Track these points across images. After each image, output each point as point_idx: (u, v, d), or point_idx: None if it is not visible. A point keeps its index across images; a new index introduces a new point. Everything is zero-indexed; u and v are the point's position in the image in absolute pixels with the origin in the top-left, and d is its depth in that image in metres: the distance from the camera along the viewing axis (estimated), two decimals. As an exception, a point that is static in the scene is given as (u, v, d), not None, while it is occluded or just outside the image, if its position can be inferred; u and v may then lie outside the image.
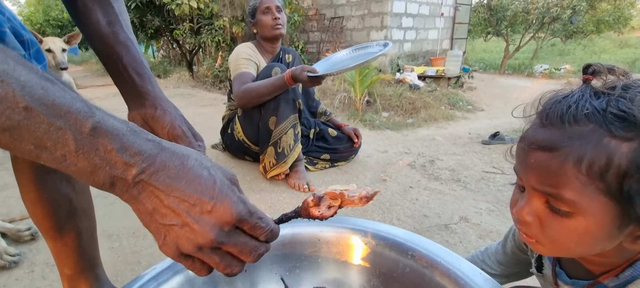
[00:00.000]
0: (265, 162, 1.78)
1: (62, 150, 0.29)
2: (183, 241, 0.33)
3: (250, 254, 0.36)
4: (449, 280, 0.47)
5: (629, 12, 9.40)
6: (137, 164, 0.31)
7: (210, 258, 0.34)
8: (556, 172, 0.39)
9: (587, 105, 0.39)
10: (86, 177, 0.31)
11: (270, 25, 1.80)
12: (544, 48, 9.65)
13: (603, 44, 10.99)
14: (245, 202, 0.35)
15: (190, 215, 0.32)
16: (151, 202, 0.32)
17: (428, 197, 1.69)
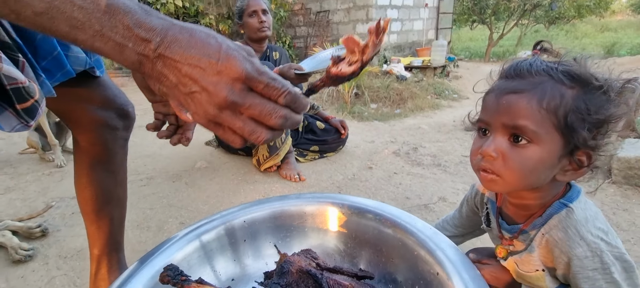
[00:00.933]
0: (258, 156, 1.89)
1: (91, 30, 0.32)
2: (205, 106, 0.34)
3: (271, 116, 0.36)
4: (405, 234, 0.59)
5: (608, -4, 9.66)
6: (152, 39, 0.33)
7: (233, 122, 0.35)
8: (524, 108, 0.52)
9: (543, 65, 0.55)
10: (118, 57, 0.34)
11: (256, 28, 1.89)
12: (527, 34, 9.87)
13: (585, 28, 11.27)
14: (253, 63, 0.36)
15: (205, 79, 0.33)
16: (173, 74, 0.34)
17: (410, 181, 1.83)
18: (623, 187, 1.55)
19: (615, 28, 11.51)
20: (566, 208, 0.57)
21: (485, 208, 0.74)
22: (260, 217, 0.73)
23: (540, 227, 0.60)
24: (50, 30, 0.32)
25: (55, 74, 0.58)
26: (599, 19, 11.26)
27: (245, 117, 0.36)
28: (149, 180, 1.88)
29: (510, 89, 0.55)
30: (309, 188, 1.76)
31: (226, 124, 0.36)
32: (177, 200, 1.64)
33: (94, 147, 0.74)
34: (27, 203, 1.66)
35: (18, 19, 0.31)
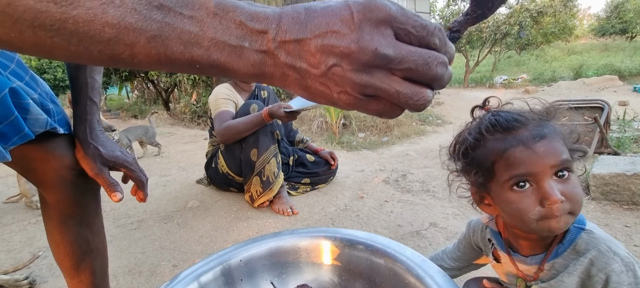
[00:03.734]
0: (251, 191, 1.91)
1: (206, 41, 0.29)
2: (350, 76, 0.28)
3: (431, 65, 0.28)
4: (395, 263, 0.62)
5: (571, 22, 10.39)
6: (269, 29, 0.29)
7: (388, 86, 0.29)
8: (558, 146, 0.57)
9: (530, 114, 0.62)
10: (236, 64, 0.30)
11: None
12: (501, 60, 10.41)
13: (553, 52, 11.97)
14: (394, 3, 0.29)
15: (342, 41, 0.28)
16: (301, 58, 0.29)
17: (401, 209, 1.86)
18: (602, 202, 1.63)
19: (581, 51, 12.28)
20: (584, 231, 0.61)
21: (491, 245, 0.75)
22: (256, 255, 0.75)
23: (563, 253, 0.62)
24: (164, 56, 0.29)
25: (11, 138, 0.57)
26: (565, 44, 12.01)
27: (398, 76, 0.29)
28: (139, 223, 1.86)
29: (533, 136, 0.57)
30: (302, 222, 1.77)
31: (379, 90, 0.29)
32: (170, 242, 1.62)
33: (62, 204, 0.72)
34: (12, 255, 1.61)
35: (133, 52, 0.28)
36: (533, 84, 7.80)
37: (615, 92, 6.27)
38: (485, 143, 0.62)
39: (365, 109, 0.31)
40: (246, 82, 2.06)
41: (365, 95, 0.29)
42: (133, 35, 0.28)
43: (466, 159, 0.67)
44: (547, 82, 7.92)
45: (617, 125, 4.16)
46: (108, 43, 0.28)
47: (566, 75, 8.22)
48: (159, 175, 2.74)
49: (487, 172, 0.62)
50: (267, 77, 0.31)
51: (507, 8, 8.02)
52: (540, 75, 8.36)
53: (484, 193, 0.66)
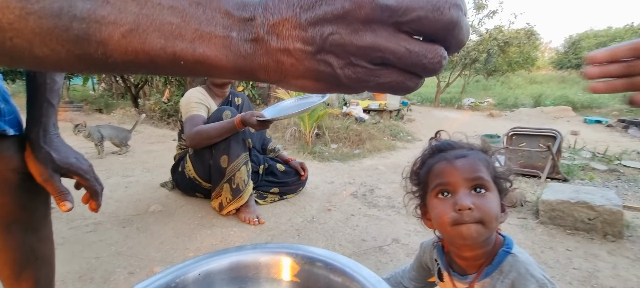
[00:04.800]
0: (221, 199, 1.87)
1: (190, 33, 0.26)
2: (350, 38, 0.25)
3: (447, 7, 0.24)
4: (352, 282, 0.65)
5: (534, 54, 11.19)
6: (257, 14, 0.27)
7: (397, 42, 0.25)
8: (476, 165, 0.67)
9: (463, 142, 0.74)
10: (225, 57, 0.27)
11: (220, 72, 1.95)
12: (470, 83, 10.98)
13: (517, 80, 12.81)
14: None
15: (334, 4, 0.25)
16: (292, 39, 0.26)
17: (367, 223, 1.90)
18: (549, 226, 1.76)
19: (541, 81, 13.24)
20: (510, 254, 0.68)
21: (436, 264, 0.82)
22: (216, 269, 0.74)
23: (492, 273, 0.68)
24: (143, 53, 0.26)
25: None
26: (527, 73, 12.89)
27: (406, 35, 0.25)
28: (95, 226, 1.77)
29: (456, 155, 0.69)
30: (268, 232, 1.77)
31: (387, 50, 0.25)
32: (127, 248, 1.56)
33: (6, 207, 0.68)
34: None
35: (106, 51, 0.25)
36: (497, 108, 8.28)
37: (568, 122, 6.79)
38: (426, 162, 0.74)
39: (376, 83, 0.26)
40: (231, 82, 2.04)
41: (373, 63, 0.26)
42: (106, 30, 0.25)
43: (415, 178, 0.78)
44: (510, 107, 8.43)
45: (569, 153, 4.51)
46: (77, 41, 0.25)
47: (527, 102, 8.81)
48: (121, 175, 2.62)
49: (424, 185, 0.73)
50: (261, 70, 0.27)
51: (477, 36, 8.52)
52: (504, 100, 8.90)
53: (425, 207, 0.76)
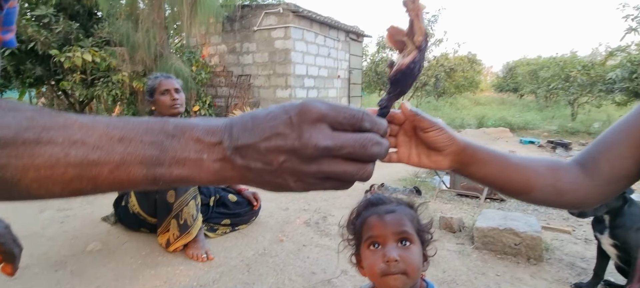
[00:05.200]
0: (168, 236, 1.80)
1: (168, 159, 0.32)
2: (300, 168, 0.32)
3: (367, 146, 0.33)
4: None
5: (477, 78, 12.23)
6: (223, 139, 0.33)
7: (335, 168, 0.33)
8: (402, 220, 0.71)
9: (392, 197, 0.80)
10: (198, 175, 0.33)
11: (169, 105, 1.92)
12: (422, 104, 11.68)
13: (463, 101, 13.85)
14: (322, 101, 0.34)
15: (287, 141, 0.32)
16: (254, 159, 0.32)
17: (318, 254, 1.94)
18: (482, 251, 1.92)
19: (484, 102, 14.45)
20: None
21: None
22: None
23: None
24: (127, 181, 0.31)
25: None
26: (473, 94, 14.01)
27: (341, 159, 0.33)
28: (22, 271, 1.60)
29: (387, 210, 0.76)
30: (217, 269, 1.73)
31: (328, 173, 0.33)
32: (58, 296, 1.44)
33: None
34: None
35: (95, 184, 0.30)
36: (446, 128, 8.86)
37: (507, 142, 7.45)
38: (361, 214, 0.80)
39: (321, 189, 0.35)
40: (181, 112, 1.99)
41: (318, 179, 0.33)
42: (96, 169, 0.30)
43: (352, 227, 0.83)
44: (457, 128, 9.07)
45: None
46: (70, 182, 0.30)
47: (472, 123, 9.56)
48: (56, 208, 2.42)
49: (359, 235, 0.78)
50: (228, 179, 0.34)
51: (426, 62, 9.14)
52: (453, 121, 9.57)
53: (359, 256, 0.82)
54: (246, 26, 7.05)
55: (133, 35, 5.11)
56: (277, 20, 6.67)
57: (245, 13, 7.04)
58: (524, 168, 0.54)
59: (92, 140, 0.30)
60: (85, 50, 5.09)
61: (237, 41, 7.21)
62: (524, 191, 0.54)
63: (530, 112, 11.87)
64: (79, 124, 0.30)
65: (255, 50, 7.03)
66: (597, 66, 8.45)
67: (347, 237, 0.87)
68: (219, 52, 7.48)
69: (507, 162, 0.54)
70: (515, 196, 0.56)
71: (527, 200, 0.56)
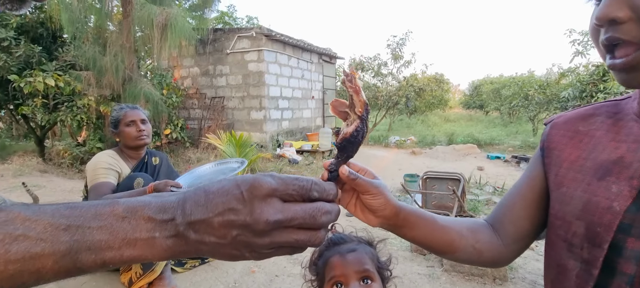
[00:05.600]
0: (130, 274, 1.72)
1: (117, 243, 0.31)
2: (254, 240, 0.33)
3: (316, 217, 0.35)
4: None
5: (446, 96, 12.78)
6: (176, 215, 0.33)
7: (287, 239, 0.34)
8: (363, 258, 0.74)
9: (353, 236, 0.82)
10: (151, 253, 0.33)
11: (135, 137, 1.87)
12: (395, 122, 12.02)
13: (434, 119, 14.40)
14: (272, 175, 0.35)
15: (239, 216, 0.33)
16: (208, 234, 0.33)
17: (290, 285, 1.91)
18: (451, 274, 1.97)
19: (454, 119, 15.08)
20: None
21: None
22: None
23: None
24: (74, 268, 0.31)
25: None
26: (443, 112, 14.60)
27: (293, 229, 0.35)
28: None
29: (348, 249, 0.78)
30: (185, 307, 1.66)
31: (281, 243, 0.34)
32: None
33: None
34: None
35: (39, 276, 0.30)
36: (418, 146, 9.14)
37: (475, 158, 7.77)
38: (323, 254, 0.82)
39: (276, 255, 0.36)
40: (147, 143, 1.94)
41: (271, 249, 0.35)
42: (39, 262, 0.29)
43: (314, 268, 0.85)
44: (429, 145, 9.37)
45: (476, 188, 5.14)
46: (11, 277, 0.29)
47: (443, 140, 9.91)
48: (9, 247, 2.25)
49: (322, 276, 0.80)
50: (182, 254, 0.35)
51: (396, 82, 9.49)
52: (424, 138, 9.88)
53: None
54: (219, 49, 7.05)
55: (100, 58, 4.97)
56: (250, 43, 6.73)
57: (218, 36, 7.05)
58: (449, 230, 0.58)
59: (34, 233, 0.29)
60: (47, 75, 4.88)
61: (210, 64, 7.18)
62: (449, 251, 0.58)
63: (496, 128, 12.50)
64: (21, 218, 0.30)
65: (228, 73, 7.02)
66: (552, 85, 9.11)
67: (310, 278, 0.88)
68: (192, 74, 7.40)
69: (435, 224, 0.58)
70: (442, 255, 0.60)
71: (452, 258, 0.60)
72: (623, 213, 0.40)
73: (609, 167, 0.43)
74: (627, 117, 0.46)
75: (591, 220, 0.43)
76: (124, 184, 1.77)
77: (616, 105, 0.49)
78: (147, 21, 4.88)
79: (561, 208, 0.48)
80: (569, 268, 0.46)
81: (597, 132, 0.49)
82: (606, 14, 0.39)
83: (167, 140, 6.54)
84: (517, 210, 0.57)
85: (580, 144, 0.50)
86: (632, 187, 0.40)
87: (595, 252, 0.42)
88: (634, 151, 0.42)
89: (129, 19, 4.98)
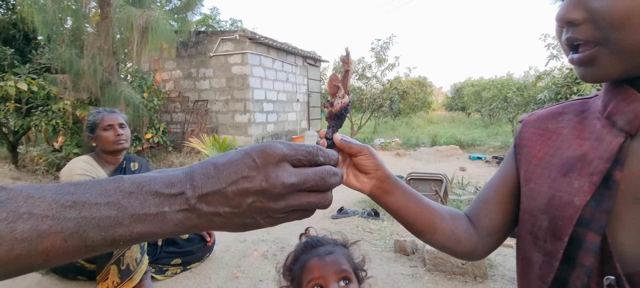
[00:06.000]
0: (107, 283, 1.66)
1: (127, 219, 0.31)
2: (270, 205, 0.34)
3: (326, 179, 0.36)
4: None
5: (429, 99, 13.01)
6: (185, 189, 0.33)
7: (300, 201, 0.35)
8: (341, 260, 0.75)
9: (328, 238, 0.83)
10: (162, 228, 0.32)
11: (112, 141, 1.82)
12: (380, 124, 12.14)
13: (418, 121, 14.63)
14: (282, 142, 0.36)
15: (254, 183, 0.33)
16: (222, 205, 0.33)
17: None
18: (434, 273, 2.00)
19: (437, 121, 15.37)
20: None
21: None
22: None
23: None
24: (84, 247, 0.29)
25: None
26: (426, 114, 14.85)
27: (304, 192, 0.36)
28: None
29: (326, 252, 0.78)
30: (165, 315, 1.62)
31: (295, 206, 0.35)
32: None
33: None
34: None
35: (47, 257, 0.28)
36: (403, 147, 9.26)
37: (458, 159, 7.93)
38: (299, 258, 0.82)
39: (288, 220, 0.37)
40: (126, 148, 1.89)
41: (285, 213, 0.36)
42: (48, 240, 0.28)
43: (289, 273, 0.84)
44: (413, 146, 9.50)
45: (458, 189, 5.24)
46: (19, 258, 0.27)
47: (426, 141, 10.08)
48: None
49: (299, 280, 0.79)
50: (193, 228, 0.34)
51: (381, 85, 9.61)
52: (408, 140, 10.02)
53: None
54: (202, 52, 6.96)
55: (77, 61, 4.82)
56: (234, 46, 6.67)
57: (201, 39, 6.96)
58: (432, 209, 0.59)
59: (39, 210, 0.28)
60: (20, 79, 4.69)
61: (193, 66, 7.07)
62: (429, 231, 0.59)
63: (477, 129, 12.80)
64: (24, 195, 0.28)
65: (212, 76, 6.93)
66: (529, 88, 9.42)
67: (284, 284, 0.86)
68: (174, 77, 7.27)
69: (420, 200, 0.59)
70: (420, 234, 0.60)
71: (430, 241, 0.60)
72: (583, 208, 0.41)
73: (573, 163, 0.45)
74: (592, 115, 0.48)
75: (554, 215, 0.44)
76: (101, 190, 1.71)
77: (584, 104, 0.51)
78: (127, 23, 4.77)
79: (529, 203, 0.50)
80: (533, 261, 0.47)
81: (564, 130, 0.50)
82: (564, 16, 0.41)
83: (149, 145, 6.38)
84: (491, 204, 0.59)
85: (549, 141, 0.52)
86: (592, 183, 0.41)
87: (557, 244, 0.43)
88: (596, 148, 0.44)
89: (108, 21, 4.86)
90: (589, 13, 0.39)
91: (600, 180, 0.41)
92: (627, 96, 0.42)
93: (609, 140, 0.42)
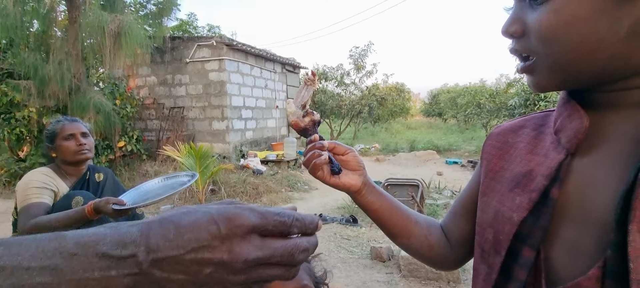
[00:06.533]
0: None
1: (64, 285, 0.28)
2: (229, 278, 0.31)
3: (294, 255, 0.34)
4: None
5: (407, 105, 13.30)
6: (138, 251, 0.30)
7: (264, 272, 0.33)
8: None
9: None
10: None
11: (74, 151, 1.72)
12: (360, 130, 12.27)
13: (397, 126, 14.91)
14: (251, 208, 0.33)
15: (215, 253, 0.30)
16: (177, 272, 0.30)
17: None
18: (409, 279, 2.02)
19: (415, 127, 15.73)
20: None
21: None
22: None
23: None
24: None
25: None
26: (405, 120, 15.16)
27: (269, 265, 0.33)
28: None
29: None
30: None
31: (255, 279, 0.33)
32: None
33: None
34: None
35: None
36: (382, 153, 9.38)
37: (435, 164, 8.12)
38: None
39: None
40: (89, 157, 1.79)
41: (244, 285, 0.33)
42: None
43: None
44: (392, 152, 9.65)
45: (435, 193, 5.35)
46: None
47: (405, 147, 10.27)
48: None
49: None
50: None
51: (359, 92, 9.74)
52: (388, 146, 10.18)
53: None
54: (178, 58, 6.81)
55: (42, 67, 4.59)
56: (211, 52, 6.57)
57: (177, 45, 6.82)
58: (409, 214, 0.60)
59: None
60: (-22, 85, 4.43)
61: (168, 73, 6.90)
62: (405, 235, 0.60)
63: (453, 135, 13.18)
64: None
65: (188, 82, 6.79)
66: (501, 94, 9.81)
67: None
68: (149, 83, 7.07)
69: (397, 204, 0.61)
70: (395, 238, 0.61)
71: (404, 245, 0.61)
72: (521, 224, 0.42)
73: (519, 179, 0.46)
74: (548, 129, 0.49)
75: (497, 229, 0.45)
76: (61, 204, 1.62)
77: (544, 118, 0.52)
78: (98, 28, 4.60)
79: (481, 216, 0.51)
80: (479, 272, 0.48)
81: (520, 144, 0.51)
82: (505, 29, 0.43)
83: (121, 153, 6.15)
84: (459, 216, 0.60)
85: (506, 155, 0.53)
86: (531, 200, 0.42)
87: (496, 258, 0.44)
88: (541, 164, 0.44)
89: (76, 25, 4.67)
90: (525, 27, 0.41)
91: (538, 197, 0.42)
92: (571, 112, 0.43)
93: (553, 157, 0.43)
